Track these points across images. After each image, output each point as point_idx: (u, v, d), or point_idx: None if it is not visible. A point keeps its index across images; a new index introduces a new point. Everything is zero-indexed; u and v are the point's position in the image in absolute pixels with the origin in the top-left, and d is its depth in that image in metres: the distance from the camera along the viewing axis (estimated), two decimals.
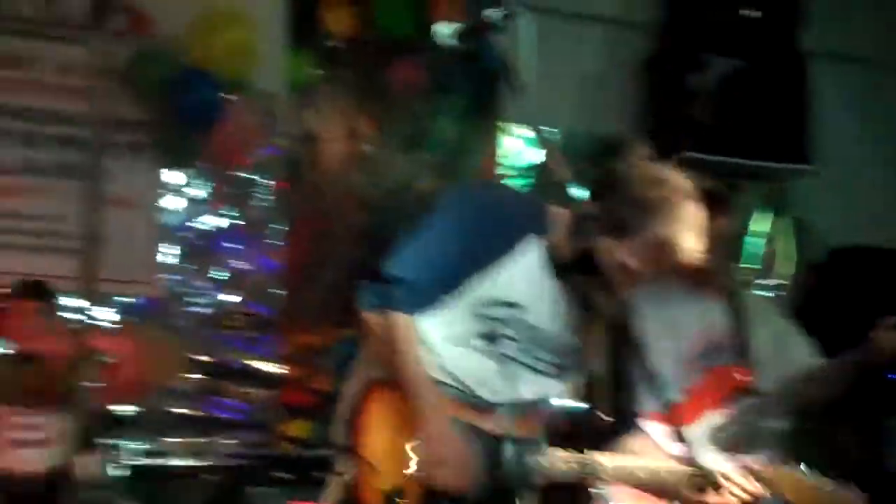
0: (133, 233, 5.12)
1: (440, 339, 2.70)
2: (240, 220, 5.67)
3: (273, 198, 5.70)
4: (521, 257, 2.65)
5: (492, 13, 2.56)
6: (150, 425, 5.17)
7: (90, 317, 4.89)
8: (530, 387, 2.75)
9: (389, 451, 2.67)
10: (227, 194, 5.66)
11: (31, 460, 4.37)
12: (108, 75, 4.77)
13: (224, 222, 5.66)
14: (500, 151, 6.08)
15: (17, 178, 5.23)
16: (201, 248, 5.58)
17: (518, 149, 6.13)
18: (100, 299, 4.62)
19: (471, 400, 2.73)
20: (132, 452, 4.93)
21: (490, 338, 2.70)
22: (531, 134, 5.93)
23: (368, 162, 5.82)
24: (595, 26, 6.17)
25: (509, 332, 2.69)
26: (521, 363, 2.74)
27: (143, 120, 5.25)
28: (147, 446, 5.04)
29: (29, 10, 5.26)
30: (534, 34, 5.63)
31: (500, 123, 5.97)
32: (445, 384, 2.71)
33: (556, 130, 5.82)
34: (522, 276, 2.65)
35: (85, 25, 4.96)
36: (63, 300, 5.05)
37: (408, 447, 2.66)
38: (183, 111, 5.18)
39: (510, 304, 2.66)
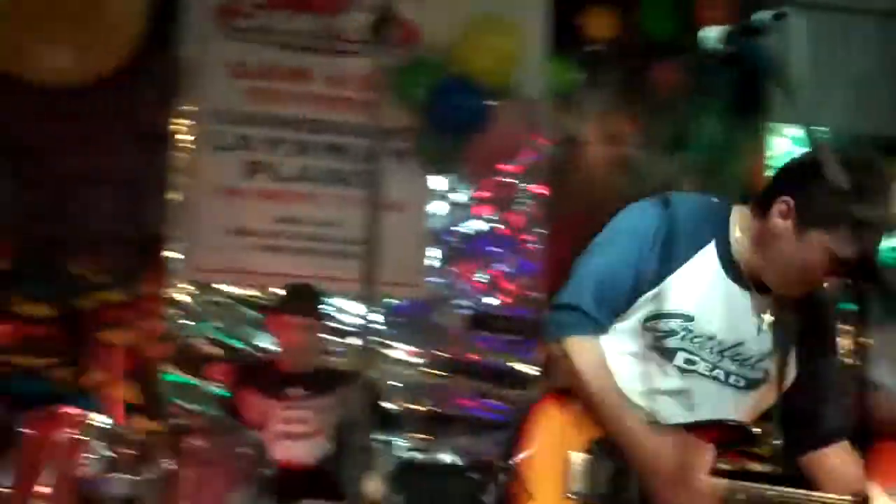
0: (401, 236, 5.25)
1: (615, 356, 2.59)
2: (502, 223, 5.75)
3: (535, 202, 5.75)
4: (695, 265, 2.54)
5: (761, 15, 2.44)
6: (416, 422, 5.32)
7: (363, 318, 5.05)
8: (711, 401, 2.60)
9: (548, 469, 2.58)
10: (491, 199, 5.76)
11: (301, 452, 4.56)
12: (379, 85, 4.93)
13: (487, 226, 5.76)
14: (768, 152, 5.90)
15: (294, 185, 5.52)
16: (465, 252, 5.70)
17: (788, 149, 5.92)
18: (373, 301, 4.77)
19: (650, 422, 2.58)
20: (400, 448, 5.08)
21: (664, 351, 2.57)
22: (802, 134, 5.71)
23: (630, 165, 5.78)
24: (868, 21, 5.89)
25: (684, 344, 2.56)
26: (701, 375, 2.59)
27: (410, 127, 5.40)
28: (414, 443, 5.20)
29: (307, 26, 5.54)
30: (805, 32, 5.47)
31: (767, 124, 5.79)
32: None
33: (827, 130, 5.59)
34: (695, 286, 2.54)
35: (363, 39, 5.15)
36: (336, 301, 5.29)
37: (571, 463, 2.56)
38: (447, 118, 5.30)
39: (682, 316, 2.55)
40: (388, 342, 5.43)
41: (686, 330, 2.55)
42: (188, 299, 5.37)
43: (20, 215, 5.21)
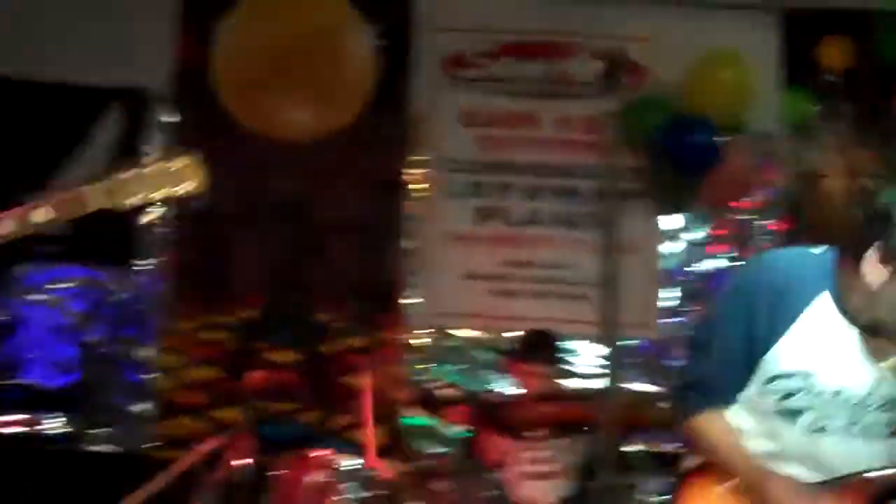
0: (635, 277, 5.20)
1: (744, 426, 2.57)
2: (738, 261, 5.62)
3: (773, 238, 5.59)
4: (808, 320, 2.46)
5: None
6: (659, 464, 5.21)
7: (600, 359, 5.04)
8: (845, 456, 2.51)
9: None
10: (727, 236, 5.64)
11: (543, 493, 4.55)
12: (609, 127, 4.93)
13: (722, 264, 5.64)
14: None
15: (525, 229, 5.56)
16: (702, 291, 5.60)
17: None
18: (610, 343, 4.74)
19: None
20: (643, 491, 4.99)
21: (788, 413, 2.51)
22: None
23: (871, 198, 5.53)
24: None
25: (807, 401, 2.49)
26: (829, 432, 2.51)
27: (642, 167, 5.36)
28: (655, 485, 5.09)
29: (533, 72, 5.60)
30: None
31: None
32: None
33: None
34: (811, 340, 2.46)
35: (591, 82, 5.15)
36: (570, 343, 5.28)
37: None
38: (679, 156, 5.23)
39: (802, 374, 2.47)
40: (625, 383, 5.37)
41: (808, 387, 2.49)
42: (426, 343, 5.48)
43: (269, 267, 5.46)
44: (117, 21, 5.45)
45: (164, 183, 2.31)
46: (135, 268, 5.48)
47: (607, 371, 4.76)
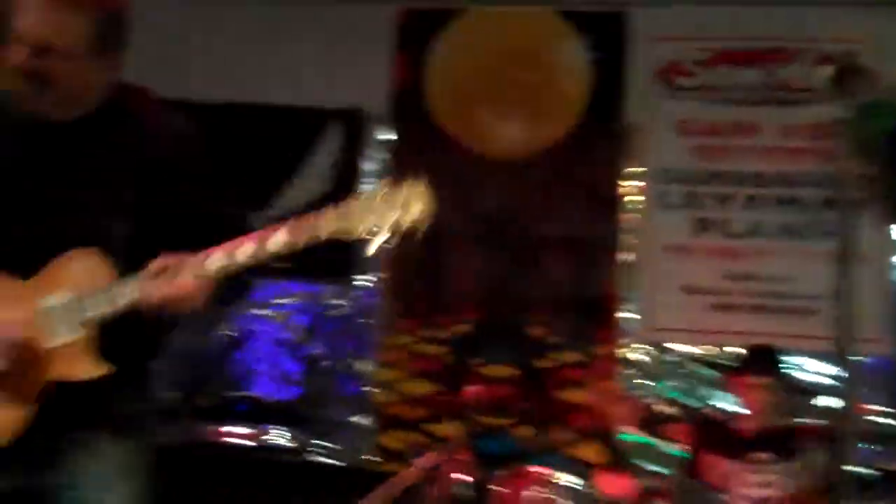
0: (866, 290, 4.95)
1: None
2: None
3: None
4: None
5: None
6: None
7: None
8: None
9: None
10: None
11: None
12: (837, 134, 4.73)
13: None
14: None
15: (746, 241, 5.39)
16: None
17: None
18: (837, 359, 4.53)
19: None
20: None
21: None
22: None
23: None
24: None
25: None
26: None
27: (871, 174, 5.11)
28: None
29: (750, 79, 5.44)
30: None
31: None
32: None
33: None
34: None
35: (815, 88, 4.97)
36: (797, 360, 5.09)
37: None
38: None
39: None
40: (855, 402, 5.13)
41: None
42: (643, 358, 5.39)
43: (484, 281, 5.49)
44: (336, 43, 5.61)
45: (393, 211, 2.34)
46: (354, 283, 5.60)
47: (837, 388, 4.56)
